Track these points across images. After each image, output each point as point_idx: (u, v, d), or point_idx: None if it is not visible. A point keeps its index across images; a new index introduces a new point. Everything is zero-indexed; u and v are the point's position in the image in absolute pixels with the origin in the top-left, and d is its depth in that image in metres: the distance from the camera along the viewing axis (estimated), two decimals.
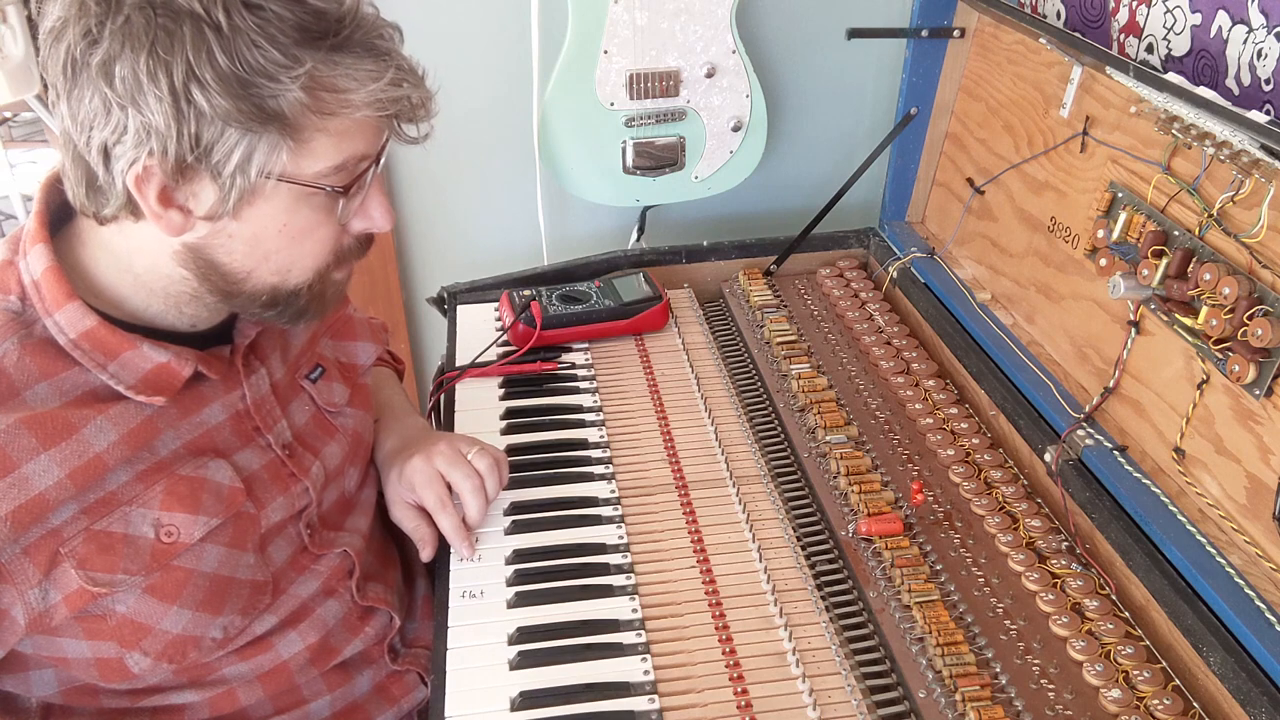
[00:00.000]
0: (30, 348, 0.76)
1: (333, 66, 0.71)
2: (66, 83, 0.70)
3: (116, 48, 0.67)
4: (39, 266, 0.77)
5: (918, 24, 1.33)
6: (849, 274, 1.45)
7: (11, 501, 0.73)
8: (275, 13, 0.69)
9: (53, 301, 0.77)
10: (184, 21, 0.67)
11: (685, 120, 1.49)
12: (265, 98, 0.69)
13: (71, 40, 0.68)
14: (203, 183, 0.72)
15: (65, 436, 0.76)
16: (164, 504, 0.81)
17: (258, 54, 0.68)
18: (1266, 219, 0.85)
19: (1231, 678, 0.78)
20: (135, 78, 0.67)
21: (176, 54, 0.67)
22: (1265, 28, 0.97)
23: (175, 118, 0.68)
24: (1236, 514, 0.89)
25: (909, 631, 0.89)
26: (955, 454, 1.10)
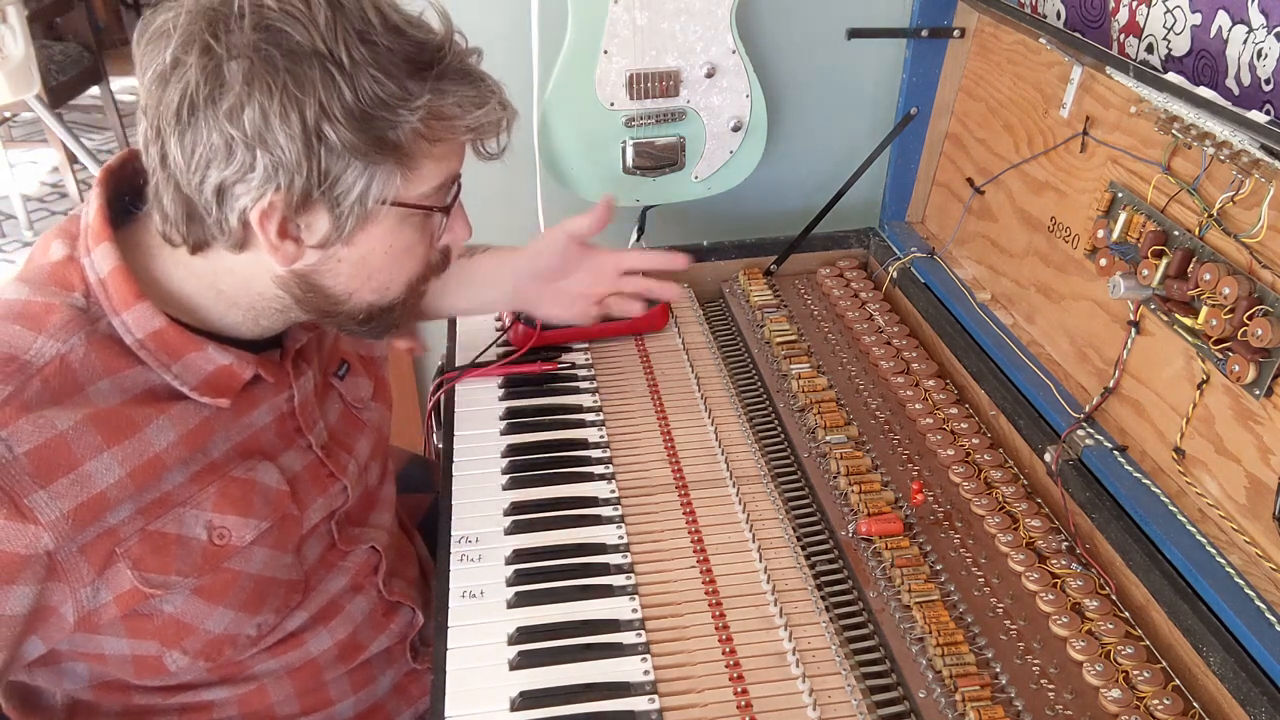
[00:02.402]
0: (95, 344, 0.76)
1: (441, 95, 0.73)
2: (178, 124, 0.70)
3: (243, 90, 0.68)
4: (105, 265, 0.77)
5: (918, 24, 1.33)
6: (849, 274, 1.45)
7: (73, 499, 0.73)
8: (386, 46, 0.71)
9: (120, 301, 0.77)
10: (309, 61, 0.68)
11: (685, 120, 1.49)
12: (385, 130, 0.71)
13: (189, 83, 0.68)
14: (319, 213, 0.74)
15: (128, 435, 0.76)
16: (216, 506, 0.82)
17: (378, 88, 0.70)
18: (1266, 219, 0.85)
19: (1231, 678, 0.79)
20: (264, 118, 0.68)
21: (308, 93, 0.68)
22: (1265, 28, 0.97)
23: (306, 155, 0.69)
24: (1236, 514, 0.89)
25: (909, 631, 0.89)
26: (955, 454, 1.10)
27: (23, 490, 0.71)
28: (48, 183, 3.59)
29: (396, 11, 0.74)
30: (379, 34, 0.71)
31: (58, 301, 0.76)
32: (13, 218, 3.22)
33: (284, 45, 0.68)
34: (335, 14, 0.69)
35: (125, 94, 4.43)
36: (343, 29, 0.69)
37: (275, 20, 0.68)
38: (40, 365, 0.73)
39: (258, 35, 0.68)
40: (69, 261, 0.79)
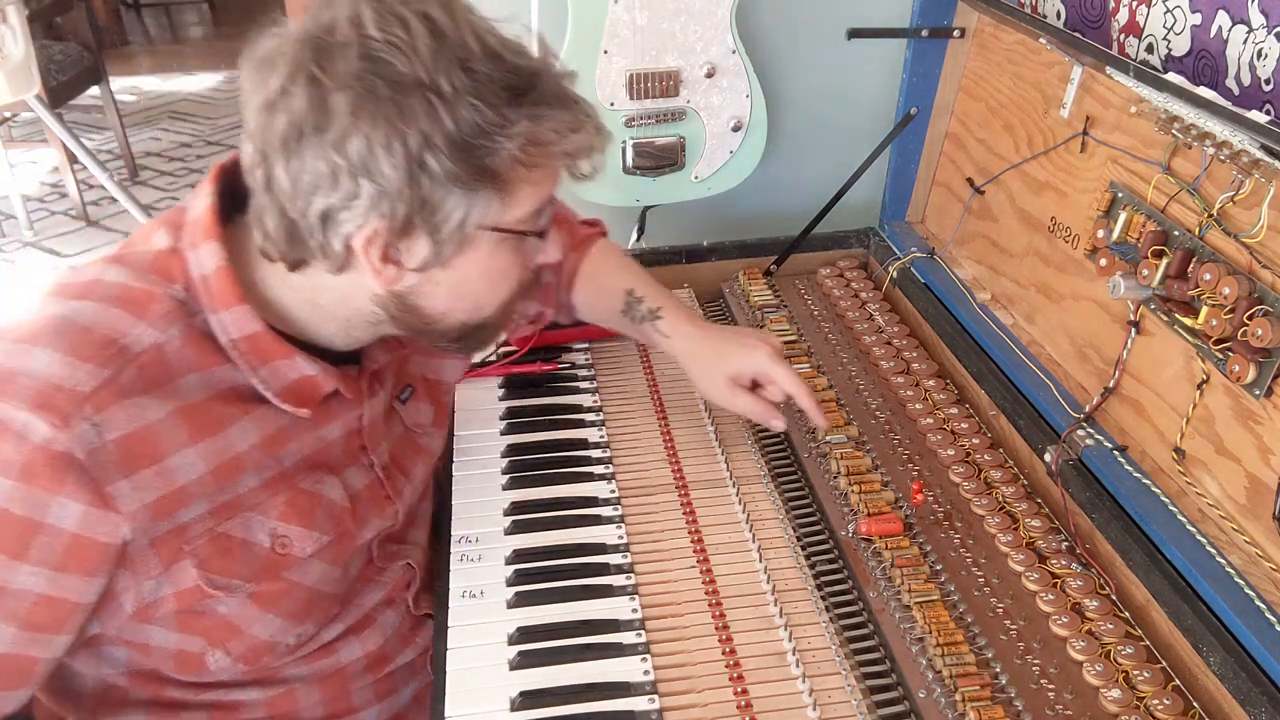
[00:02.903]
0: (191, 338, 0.77)
1: (538, 121, 0.74)
2: (284, 151, 0.71)
3: (349, 121, 0.68)
4: (210, 264, 0.78)
5: (918, 24, 1.33)
6: (849, 274, 1.45)
7: (155, 491, 0.74)
8: (485, 73, 0.71)
9: (221, 301, 0.78)
10: (412, 92, 0.69)
11: (685, 120, 1.49)
12: (484, 157, 0.72)
13: (296, 112, 0.69)
14: (419, 238, 0.75)
15: (213, 432, 0.77)
16: (282, 515, 0.82)
17: (477, 116, 0.70)
18: (1266, 219, 0.85)
19: (1231, 678, 0.78)
20: (369, 148, 0.69)
21: (410, 124, 0.69)
22: (1265, 28, 0.97)
23: (409, 183, 0.70)
24: (1236, 514, 0.89)
25: (909, 631, 0.89)
26: (955, 454, 1.10)
27: (107, 477, 0.71)
28: (48, 183, 3.59)
29: (493, 35, 0.74)
30: (478, 61, 0.71)
31: (159, 291, 0.77)
32: (13, 218, 3.22)
33: (387, 75, 0.69)
34: (437, 43, 0.70)
35: (125, 94, 4.44)
36: (444, 58, 0.69)
37: (379, 51, 0.69)
38: (137, 352, 0.74)
39: (362, 65, 0.68)
40: (172, 253, 0.79)
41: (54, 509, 0.70)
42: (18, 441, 0.69)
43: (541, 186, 0.79)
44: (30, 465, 0.69)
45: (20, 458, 0.69)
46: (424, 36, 0.69)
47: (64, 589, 0.73)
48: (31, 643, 0.74)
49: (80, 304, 0.75)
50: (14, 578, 0.71)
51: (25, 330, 0.74)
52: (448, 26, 0.70)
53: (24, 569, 0.71)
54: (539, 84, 0.74)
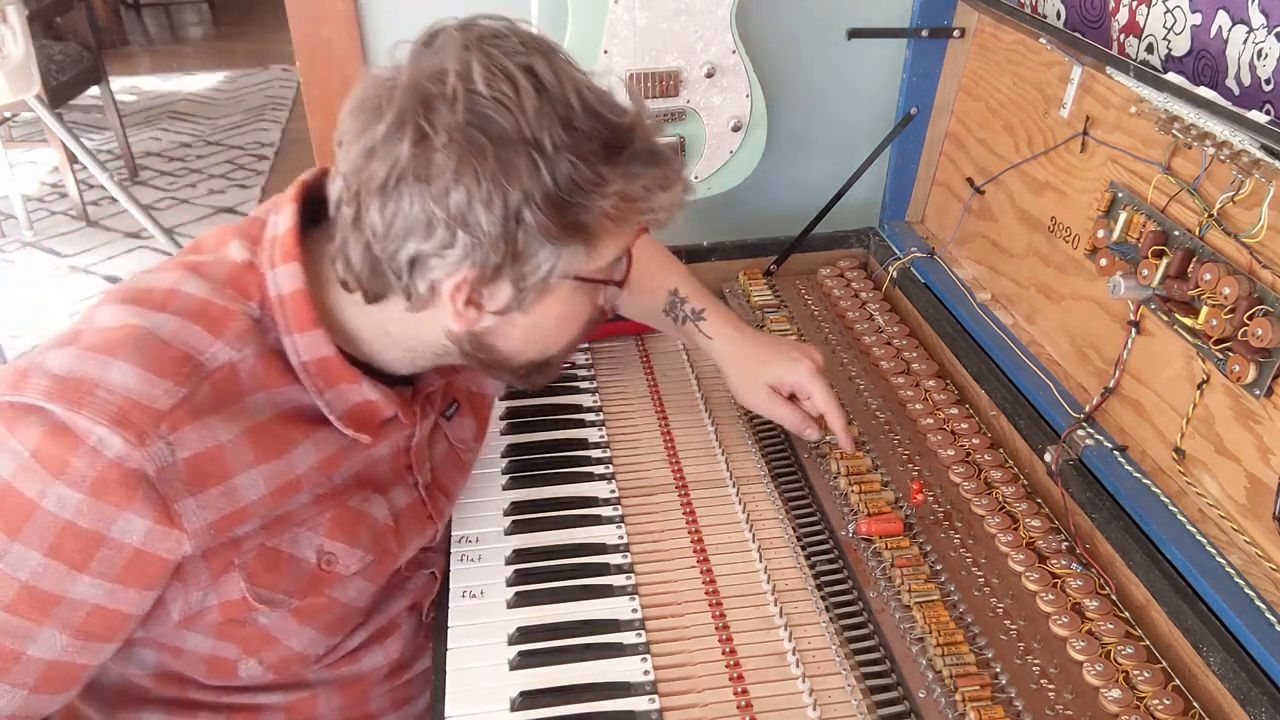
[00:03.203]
0: (263, 358, 0.77)
1: (631, 179, 0.74)
2: (381, 195, 0.71)
3: (452, 174, 0.69)
4: (289, 286, 0.78)
5: (918, 24, 1.33)
6: (849, 274, 1.45)
7: (219, 510, 0.74)
8: (583, 131, 0.71)
9: (296, 323, 0.78)
10: (516, 148, 0.69)
11: (685, 120, 1.49)
12: (579, 213, 0.73)
13: (398, 160, 0.70)
14: (504, 284, 0.75)
15: (278, 454, 0.77)
16: (329, 532, 0.83)
17: (575, 173, 0.71)
18: (1266, 219, 0.85)
19: (1231, 678, 0.78)
20: (469, 201, 0.69)
21: (513, 181, 0.69)
22: (1265, 28, 0.97)
23: (504, 236, 0.71)
24: (1236, 514, 0.89)
25: (909, 631, 0.89)
26: (955, 454, 1.10)
27: (175, 495, 0.71)
28: (48, 183, 3.59)
29: (593, 91, 0.74)
30: (579, 118, 0.71)
31: (237, 309, 0.77)
32: (12, 218, 3.22)
33: (492, 131, 0.69)
34: (541, 100, 0.70)
35: (125, 94, 4.44)
36: (547, 115, 0.70)
37: (486, 107, 0.69)
38: (212, 369, 0.74)
39: (469, 119, 0.69)
40: (249, 268, 0.80)
41: (120, 524, 0.70)
42: (92, 456, 0.69)
43: (624, 237, 0.80)
44: (102, 480, 0.69)
45: (93, 473, 0.69)
46: (530, 94, 0.69)
47: (120, 601, 0.73)
48: (82, 650, 0.74)
49: (160, 317, 0.75)
50: (73, 588, 0.71)
51: (105, 339, 0.73)
52: (551, 83, 0.71)
53: (84, 580, 0.71)
54: (633, 141, 0.75)
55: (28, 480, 0.69)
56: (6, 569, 0.69)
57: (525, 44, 0.73)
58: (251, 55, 5.05)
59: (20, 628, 0.71)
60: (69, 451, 0.69)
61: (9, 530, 0.69)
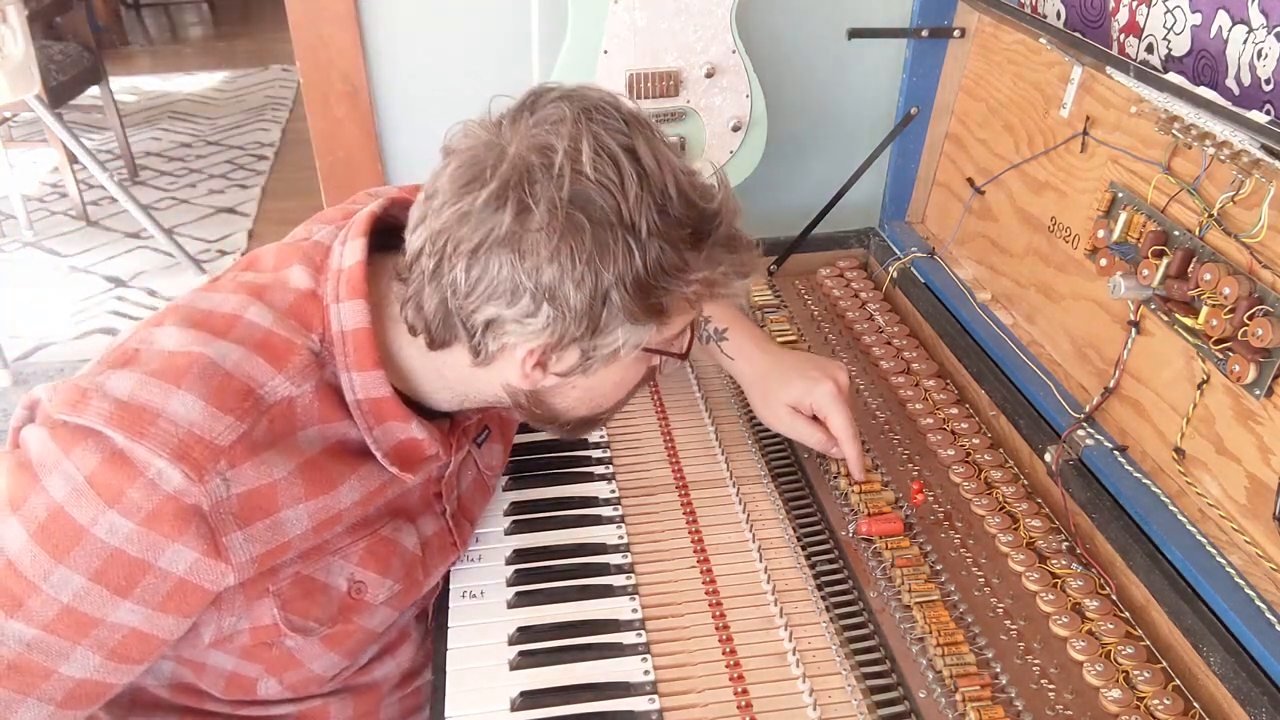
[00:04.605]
0: (320, 393, 0.77)
1: (713, 266, 0.75)
2: (470, 257, 0.71)
3: (547, 251, 0.69)
4: (353, 323, 0.78)
5: (918, 24, 1.33)
6: (849, 274, 1.45)
7: (264, 545, 0.74)
8: (675, 217, 0.72)
9: (357, 362, 0.77)
10: (613, 232, 0.69)
11: (685, 120, 1.49)
12: (660, 296, 0.73)
13: (495, 229, 0.69)
14: (573, 351, 0.76)
15: (325, 490, 0.77)
16: (361, 560, 0.83)
17: (663, 258, 0.71)
18: (1266, 219, 0.85)
19: (1231, 678, 0.78)
20: (561, 279, 0.69)
21: (606, 263, 0.69)
22: (1265, 28, 0.97)
23: (588, 314, 0.71)
24: (1236, 514, 0.89)
25: (909, 631, 0.89)
26: (955, 454, 1.10)
27: (225, 529, 0.71)
28: (48, 183, 3.59)
29: (686, 176, 0.74)
30: (673, 204, 0.72)
31: (299, 342, 0.77)
32: (12, 218, 3.22)
33: (592, 213, 0.69)
34: (641, 186, 0.70)
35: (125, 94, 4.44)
36: (645, 201, 0.70)
37: (589, 188, 0.69)
38: (271, 404, 0.74)
39: (571, 199, 0.69)
40: (313, 298, 0.79)
41: (168, 554, 0.70)
42: (150, 489, 0.68)
43: (692, 312, 0.80)
44: (157, 513, 0.69)
45: (149, 505, 0.68)
46: (632, 179, 0.70)
47: (157, 627, 0.73)
48: (113, 671, 0.73)
49: (224, 345, 0.74)
50: (113, 612, 0.70)
51: (169, 365, 0.73)
52: (652, 168, 0.71)
53: (125, 605, 0.70)
54: (718, 228, 0.75)
55: (80, 506, 0.68)
56: (50, 590, 0.69)
57: (628, 122, 0.72)
58: (251, 55, 5.04)
59: (56, 646, 0.70)
60: (126, 481, 0.68)
61: (56, 552, 0.68)
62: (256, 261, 0.84)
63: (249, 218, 3.34)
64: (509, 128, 0.73)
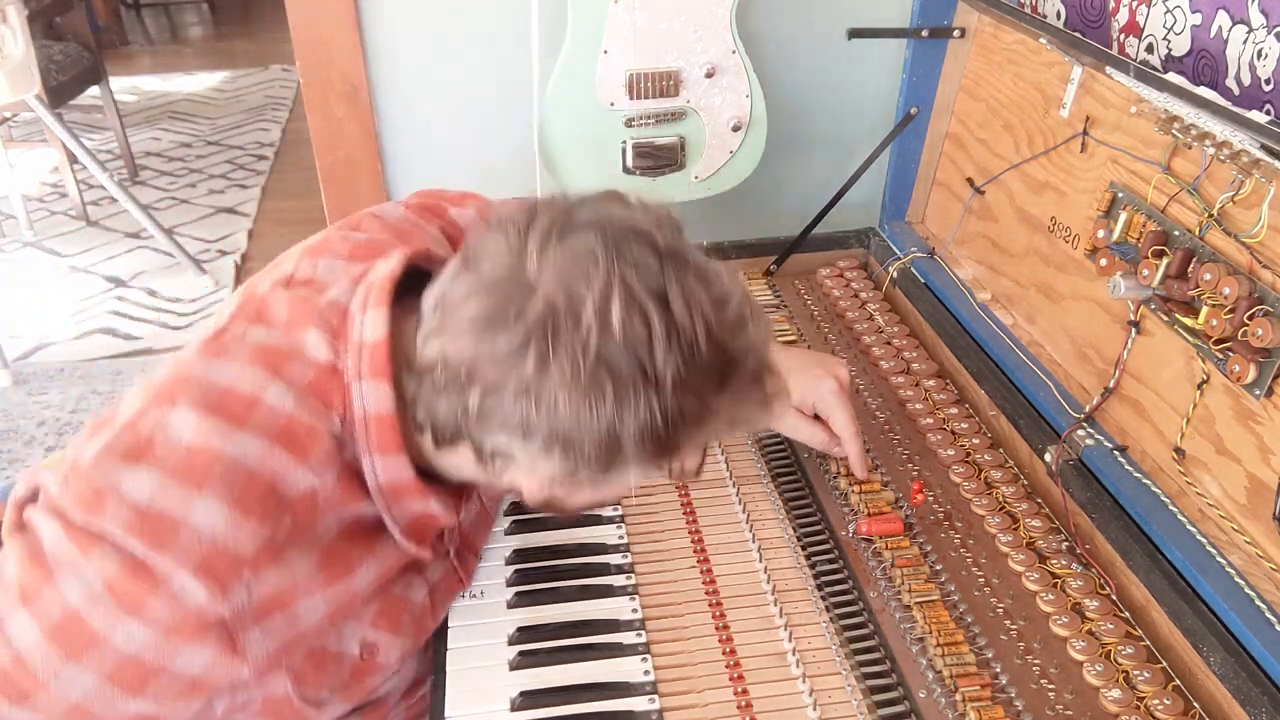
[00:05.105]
0: (341, 479, 0.74)
1: (736, 406, 0.72)
2: (484, 393, 0.68)
3: (567, 403, 0.66)
4: (376, 405, 0.74)
5: (918, 24, 1.33)
6: (849, 274, 1.45)
7: (280, 638, 0.72)
8: (702, 366, 0.68)
9: (380, 447, 0.74)
10: (637, 388, 0.66)
11: (685, 120, 1.49)
12: (679, 439, 0.70)
13: (515, 375, 0.66)
14: (580, 480, 0.73)
15: (342, 576, 0.75)
16: (374, 622, 0.81)
17: (685, 406, 0.68)
18: (1267, 219, 0.85)
19: (1231, 678, 0.78)
20: (579, 430, 0.67)
21: (625, 418, 0.66)
22: (1265, 28, 0.97)
23: (601, 459, 0.68)
24: (1236, 514, 0.89)
25: (909, 631, 0.89)
26: (955, 454, 1.10)
27: (243, 628, 0.69)
28: (48, 183, 3.59)
29: (718, 314, 0.70)
30: (701, 353, 0.68)
31: (321, 427, 0.73)
32: (12, 218, 3.22)
33: (616, 370, 0.66)
34: (670, 340, 0.66)
35: (125, 94, 4.44)
36: (674, 354, 0.67)
37: (616, 346, 0.65)
38: (294, 499, 0.71)
39: (598, 352, 0.65)
40: (333, 374, 0.75)
41: (184, 656, 0.68)
42: (171, 602, 0.66)
43: (707, 438, 0.77)
44: (178, 625, 0.67)
45: (170, 619, 0.66)
46: (661, 335, 0.66)
47: (168, 713, 0.71)
48: None
49: (245, 439, 0.70)
50: (124, 708, 0.69)
51: (188, 465, 0.69)
52: (682, 318, 0.67)
53: (136, 700, 0.69)
54: (745, 366, 0.71)
55: (98, 613, 0.66)
56: (58, 690, 0.67)
57: (662, 257, 0.68)
58: (251, 55, 5.04)
59: None
60: (147, 592, 0.66)
61: (69, 653, 0.66)
62: (265, 311, 0.78)
63: (249, 218, 3.34)
64: (536, 257, 0.67)
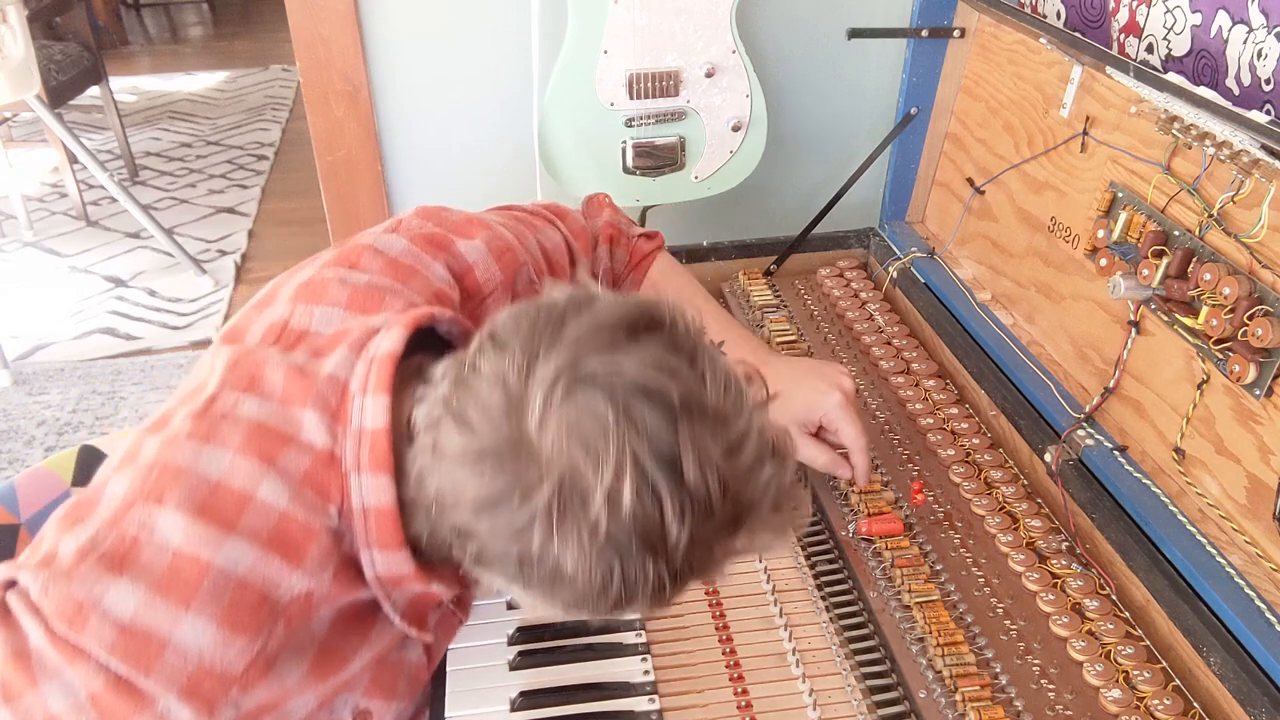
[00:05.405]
0: (338, 574, 0.70)
1: (751, 540, 0.67)
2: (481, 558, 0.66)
3: (570, 580, 0.62)
4: (375, 500, 0.69)
5: (918, 24, 1.33)
6: (849, 274, 1.45)
7: None
8: (718, 519, 0.63)
9: (380, 541, 0.70)
10: (644, 559, 0.62)
11: (685, 120, 1.49)
12: (686, 586, 0.66)
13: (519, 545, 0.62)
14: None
15: (336, 670, 0.73)
16: (367, 690, 0.78)
17: (695, 561, 0.64)
18: (1267, 219, 0.85)
19: (1231, 678, 0.78)
20: (578, 600, 0.64)
21: (632, 589, 0.63)
22: (1265, 28, 0.97)
23: (604, 612, 0.65)
24: (1236, 514, 0.89)
25: (909, 631, 0.89)
26: (955, 454, 1.10)
27: None
28: (48, 183, 3.59)
29: (736, 462, 0.64)
30: (717, 507, 0.63)
31: (317, 524, 0.68)
32: (13, 218, 3.22)
33: (627, 550, 0.61)
34: (684, 514, 0.61)
35: (125, 94, 4.44)
36: (686, 523, 0.61)
37: (625, 525, 0.61)
38: (286, 604, 0.67)
39: (607, 533, 0.61)
40: (331, 463, 0.70)
41: None
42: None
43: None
44: None
45: None
46: (673, 510, 0.61)
47: None
48: None
49: (235, 546, 0.65)
50: None
51: (174, 579, 0.64)
52: (697, 485, 0.61)
53: None
54: (762, 506, 0.66)
55: None
56: None
57: (675, 415, 0.62)
58: (251, 55, 5.04)
59: None
60: (132, 711, 0.62)
61: None
62: (259, 379, 0.72)
63: (249, 218, 3.34)
64: (539, 417, 0.61)
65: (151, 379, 2.46)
